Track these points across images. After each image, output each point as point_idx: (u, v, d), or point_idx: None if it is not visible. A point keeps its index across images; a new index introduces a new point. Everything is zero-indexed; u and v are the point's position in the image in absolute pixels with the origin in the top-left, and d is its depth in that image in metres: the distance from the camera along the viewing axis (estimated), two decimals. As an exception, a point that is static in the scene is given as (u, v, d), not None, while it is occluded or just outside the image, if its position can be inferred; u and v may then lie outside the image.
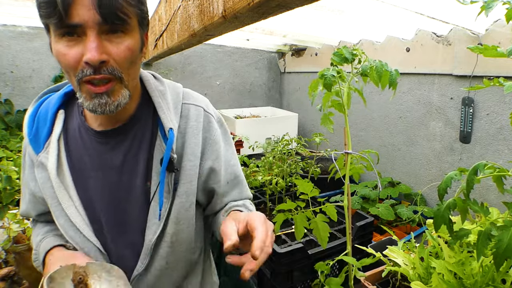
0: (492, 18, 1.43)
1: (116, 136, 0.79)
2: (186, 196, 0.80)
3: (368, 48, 2.19)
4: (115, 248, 0.81)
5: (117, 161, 0.79)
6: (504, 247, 0.61)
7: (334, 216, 0.90)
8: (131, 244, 0.81)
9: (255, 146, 1.89)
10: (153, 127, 0.81)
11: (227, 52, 3.44)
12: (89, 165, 0.79)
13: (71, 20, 0.61)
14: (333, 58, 0.88)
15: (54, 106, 0.81)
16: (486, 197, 1.61)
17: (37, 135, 0.80)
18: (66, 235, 0.79)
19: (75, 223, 0.78)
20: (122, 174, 0.79)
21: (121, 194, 0.80)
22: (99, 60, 0.63)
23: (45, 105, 0.83)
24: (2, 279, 1.32)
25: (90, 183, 0.80)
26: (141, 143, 0.80)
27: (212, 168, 0.84)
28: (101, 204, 0.80)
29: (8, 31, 2.74)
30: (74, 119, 0.82)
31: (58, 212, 0.78)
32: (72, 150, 0.80)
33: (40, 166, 0.79)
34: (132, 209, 0.80)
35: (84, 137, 0.80)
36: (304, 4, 0.66)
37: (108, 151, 0.79)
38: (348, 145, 0.90)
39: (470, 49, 0.73)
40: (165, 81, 0.88)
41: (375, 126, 2.31)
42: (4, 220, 1.51)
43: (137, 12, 0.68)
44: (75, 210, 0.78)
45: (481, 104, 1.59)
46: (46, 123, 0.80)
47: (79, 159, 0.80)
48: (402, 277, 1.07)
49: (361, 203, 1.86)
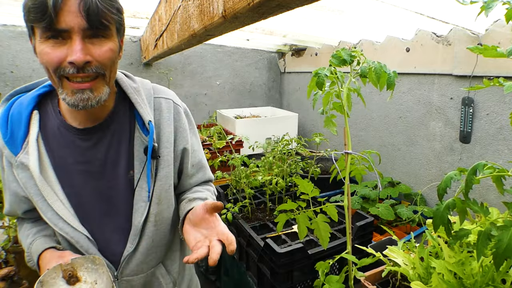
0: (492, 18, 1.43)
1: (97, 132, 0.86)
2: (166, 178, 0.91)
3: (368, 48, 2.19)
4: (102, 234, 0.89)
5: (100, 155, 0.86)
6: (504, 247, 0.61)
7: (335, 216, 0.90)
8: (117, 228, 0.90)
9: (255, 146, 1.89)
10: (131, 121, 0.89)
11: (227, 52, 3.44)
12: (72, 160, 0.85)
13: (59, 25, 0.67)
14: (331, 60, 0.88)
15: (28, 107, 0.84)
16: (486, 197, 1.61)
17: (13, 137, 0.82)
18: (56, 227, 0.84)
19: (62, 215, 0.83)
20: (105, 167, 0.87)
21: (105, 185, 0.87)
22: (84, 61, 0.70)
23: (17, 107, 0.84)
24: (2, 279, 1.32)
25: (74, 178, 0.86)
26: (121, 137, 0.88)
27: (184, 148, 0.96)
28: (87, 196, 0.87)
29: (8, 31, 2.74)
30: (50, 119, 0.86)
31: (45, 207, 0.83)
32: (53, 148, 0.85)
33: (20, 166, 0.82)
34: (117, 197, 0.88)
35: (65, 135, 0.85)
36: (304, 4, 0.67)
37: (91, 147, 0.86)
38: (348, 145, 0.90)
39: (470, 49, 0.73)
40: (136, 79, 0.95)
41: (375, 126, 2.31)
42: (4, 220, 1.51)
43: (116, 19, 0.76)
44: (61, 204, 0.84)
45: (481, 104, 1.59)
46: (21, 124, 0.82)
47: (61, 156, 0.85)
48: (402, 277, 1.07)
49: (361, 203, 1.86)
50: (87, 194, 0.87)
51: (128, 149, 0.88)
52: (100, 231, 0.89)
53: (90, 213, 0.88)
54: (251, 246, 1.43)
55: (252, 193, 1.65)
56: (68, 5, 0.66)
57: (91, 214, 0.88)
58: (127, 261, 0.91)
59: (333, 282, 0.92)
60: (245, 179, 1.65)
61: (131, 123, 0.89)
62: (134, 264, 0.92)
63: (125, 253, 0.90)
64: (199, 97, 3.40)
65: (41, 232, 0.92)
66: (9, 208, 0.93)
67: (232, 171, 1.71)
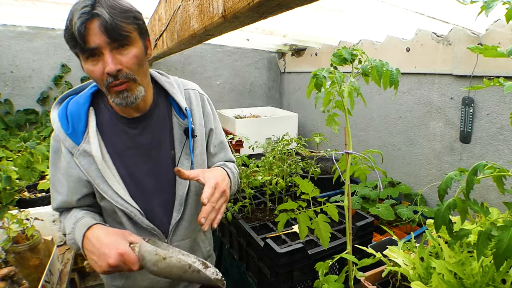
0: (492, 18, 1.43)
1: (142, 121, 1.03)
2: (201, 155, 1.10)
3: (368, 48, 2.19)
4: (152, 208, 1.05)
5: (147, 140, 1.03)
6: (504, 247, 0.61)
7: (336, 216, 0.90)
8: (165, 202, 1.06)
9: (255, 146, 1.89)
10: (168, 110, 1.07)
11: (227, 52, 3.44)
12: (124, 147, 1.01)
13: (88, 45, 0.83)
14: (332, 59, 0.87)
15: (85, 105, 0.99)
16: (486, 197, 1.61)
17: (74, 129, 0.96)
18: (117, 203, 0.98)
19: (120, 194, 0.98)
20: (151, 149, 1.04)
21: (152, 164, 1.04)
22: (116, 70, 0.86)
23: (74, 105, 0.99)
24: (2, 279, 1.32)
25: (126, 161, 1.01)
26: (163, 123, 1.06)
27: (211, 129, 1.14)
28: (137, 176, 1.03)
29: (8, 31, 2.74)
30: (103, 113, 1.02)
31: (106, 187, 0.97)
32: (108, 137, 1.00)
33: (83, 154, 0.96)
34: (162, 175, 1.05)
35: (117, 125, 1.01)
36: (304, 4, 0.66)
37: (138, 134, 1.02)
38: (349, 145, 0.90)
39: (470, 49, 0.73)
40: (169, 75, 1.14)
41: (375, 126, 2.31)
42: (4, 220, 1.50)
43: (135, 26, 0.89)
44: (118, 184, 0.99)
45: (481, 104, 1.59)
46: (81, 119, 0.97)
47: (115, 143, 1.01)
48: (402, 277, 1.07)
49: (361, 203, 1.86)
50: (137, 174, 1.02)
51: (169, 133, 1.06)
52: (150, 205, 1.04)
53: (141, 190, 1.03)
54: (251, 246, 1.43)
55: (252, 193, 1.65)
56: (90, 29, 0.82)
57: (141, 191, 1.03)
58: (175, 229, 1.07)
59: (332, 282, 0.92)
60: (245, 179, 1.65)
61: (169, 111, 1.07)
62: (181, 231, 1.09)
63: (173, 221, 1.06)
64: (199, 97, 3.40)
65: (89, 214, 1.02)
66: (64, 198, 1.01)
67: (232, 171, 1.71)
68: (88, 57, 0.86)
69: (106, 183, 0.98)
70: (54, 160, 1.02)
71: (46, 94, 2.90)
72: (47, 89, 2.91)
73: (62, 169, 1.00)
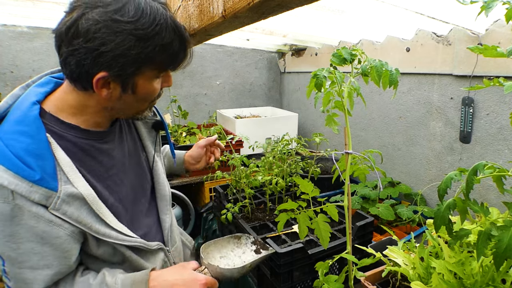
0: (492, 18, 1.43)
1: (112, 131, 0.91)
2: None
3: (368, 48, 2.19)
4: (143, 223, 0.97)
5: (121, 152, 0.93)
6: (504, 247, 0.61)
7: (336, 216, 0.90)
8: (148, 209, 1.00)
9: (255, 146, 1.88)
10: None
11: (227, 52, 3.44)
12: (103, 168, 0.87)
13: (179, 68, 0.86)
14: (332, 59, 0.87)
15: (40, 134, 0.73)
16: (486, 197, 1.61)
17: (44, 172, 0.71)
18: (122, 241, 0.83)
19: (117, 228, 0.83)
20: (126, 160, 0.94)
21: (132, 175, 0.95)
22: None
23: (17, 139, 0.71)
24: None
25: (111, 185, 0.88)
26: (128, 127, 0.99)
27: None
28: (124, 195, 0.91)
29: (8, 31, 2.74)
30: (63, 136, 0.79)
31: (106, 229, 0.81)
32: (83, 165, 0.81)
33: (66, 200, 0.74)
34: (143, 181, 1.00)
35: (87, 145, 0.83)
36: (304, 4, 0.67)
37: (113, 147, 0.90)
38: (349, 145, 0.90)
39: (470, 49, 0.73)
40: None
41: (375, 126, 2.31)
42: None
43: None
44: (112, 217, 0.83)
45: (481, 104, 1.59)
46: (45, 154, 0.72)
47: (92, 169, 0.83)
48: (402, 277, 1.07)
49: (361, 203, 1.86)
50: (124, 195, 0.91)
51: (136, 134, 1.00)
52: (143, 222, 0.96)
53: (131, 211, 0.92)
54: (251, 246, 1.43)
55: (252, 193, 1.65)
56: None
57: (131, 211, 0.92)
58: (169, 234, 1.03)
59: (332, 282, 0.92)
60: (245, 179, 1.65)
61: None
62: (174, 234, 1.06)
63: (166, 225, 1.02)
64: (199, 97, 3.40)
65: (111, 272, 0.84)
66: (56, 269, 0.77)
67: (232, 171, 1.71)
68: (158, 76, 0.83)
69: (104, 223, 0.80)
70: (8, 231, 0.71)
71: (46, 94, 2.90)
72: (47, 89, 2.91)
73: (33, 236, 0.72)
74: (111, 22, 0.70)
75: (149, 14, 0.73)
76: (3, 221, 0.70)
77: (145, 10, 0.73)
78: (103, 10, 0.71)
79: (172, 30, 0.77)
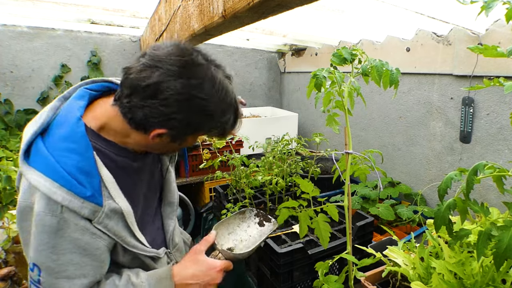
0: (492, 18, 1.43)
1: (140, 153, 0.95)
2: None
3: (368, 48, 2.19)
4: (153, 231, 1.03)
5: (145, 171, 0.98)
6: (504, 247, 0.61)
7: (336, 216, 0.90)
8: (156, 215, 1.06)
9: (255, 146, 1.88)
10: None
11: (227, 52, 3.44)
12: (133, 185, 0.93)
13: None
14: (332, 59, 0.87)
15: (88, 151, 0.77)
16: (486, 197, 1.61)
17: (94, 190, 0.76)
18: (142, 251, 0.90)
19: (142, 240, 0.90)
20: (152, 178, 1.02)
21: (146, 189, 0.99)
22: None
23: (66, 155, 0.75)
24: (2, 279, 1.32)
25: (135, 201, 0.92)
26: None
27: None
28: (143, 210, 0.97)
29: (8, 31, 2.74)
30: (104, 153, 0.84)
31: (133, 240, 0.87)
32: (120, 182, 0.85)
33: (108, 215, 0.79)
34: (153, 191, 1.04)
35: (122, 162, 0.88)
36: (304, 4, 0.66)
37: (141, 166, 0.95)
38: (349, 145, 0.90)
39: (470, 49, 0.73)
40: None
41: (375, 126, 2.31)
42: (4, 220, 1.51)
43: None
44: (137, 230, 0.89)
45: (481, 104, 1.59)
46: (93, 171, 0.77)
47: (126, 186, 0.88)
48: (402, 277, 1.07)
49: (361, 203, 1.86)
50: (143, 209, 0.97)
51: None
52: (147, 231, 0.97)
53: (140, 219, 0.94)
54: (251, 246, 1.43)
55: (252, 193, 1.65)
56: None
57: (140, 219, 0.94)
58: (172, 237, 1.07)
59: (332, 282, 0.92)
60: (245, 179, 1.65)
61: None
62: (175, 236, 1.10)
63: (170, 228, 1.07)
64: (199, 97, 3.40)
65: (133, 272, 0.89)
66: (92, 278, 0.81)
67: (232, 171, 1.71)
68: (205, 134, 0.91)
69: (134, 236, 0.87)
70: (52, 243, 0.75)
71: (46, 94, 2.90)
72: (47, 89, 2.91)
73: (75, 247, 0.77)
74: (189, 96, 0.76)
75: (220, 93, 0.80)
76: (48, 233, 0.74)
77: (218, 89, 0.80)
78: (185, 82, 0.75)
79: (233, 110, 0.85)
